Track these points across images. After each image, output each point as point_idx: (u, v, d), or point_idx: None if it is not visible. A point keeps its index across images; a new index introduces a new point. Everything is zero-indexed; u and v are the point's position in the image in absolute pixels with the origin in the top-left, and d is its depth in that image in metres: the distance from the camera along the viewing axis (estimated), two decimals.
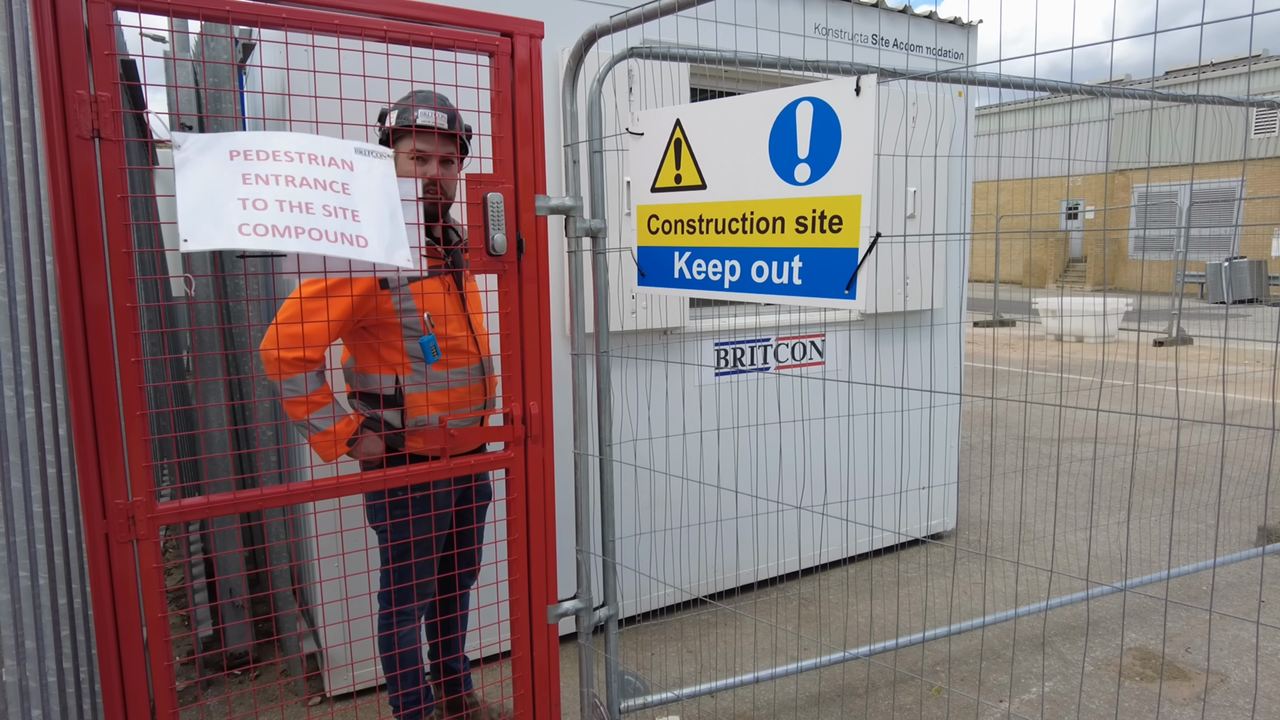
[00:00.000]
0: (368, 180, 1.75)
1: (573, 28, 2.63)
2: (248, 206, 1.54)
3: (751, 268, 2.07)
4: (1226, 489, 5.70)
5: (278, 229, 1.54)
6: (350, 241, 1.62)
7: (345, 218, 1.64)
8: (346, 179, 1.71)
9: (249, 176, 1.58)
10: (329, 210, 1.62)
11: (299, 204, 1.59)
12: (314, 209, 1.60)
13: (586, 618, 2.45)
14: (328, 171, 1.68)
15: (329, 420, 2.30)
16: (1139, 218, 23.83)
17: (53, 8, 1.52)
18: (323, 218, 1.60)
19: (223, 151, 1.62)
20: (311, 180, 1.64)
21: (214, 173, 1.57)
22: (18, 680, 1.88)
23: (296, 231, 1.55)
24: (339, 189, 1.67)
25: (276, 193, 1.58)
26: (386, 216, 1.74)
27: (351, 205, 1.67)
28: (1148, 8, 24.00)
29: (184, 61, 3.45)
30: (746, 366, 3.85)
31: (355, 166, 1.76)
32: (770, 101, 1.97)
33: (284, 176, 1.60)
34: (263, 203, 1.56)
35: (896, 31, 4.09)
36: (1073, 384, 9.70)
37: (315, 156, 1.69)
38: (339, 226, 1.62)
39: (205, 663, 3.32)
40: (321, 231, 1.59)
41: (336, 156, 1.74)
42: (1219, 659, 3.36)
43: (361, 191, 1.72)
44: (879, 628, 3.66)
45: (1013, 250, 26.00)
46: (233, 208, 1.54)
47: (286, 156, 1.65)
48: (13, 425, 1.84)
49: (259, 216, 1.53)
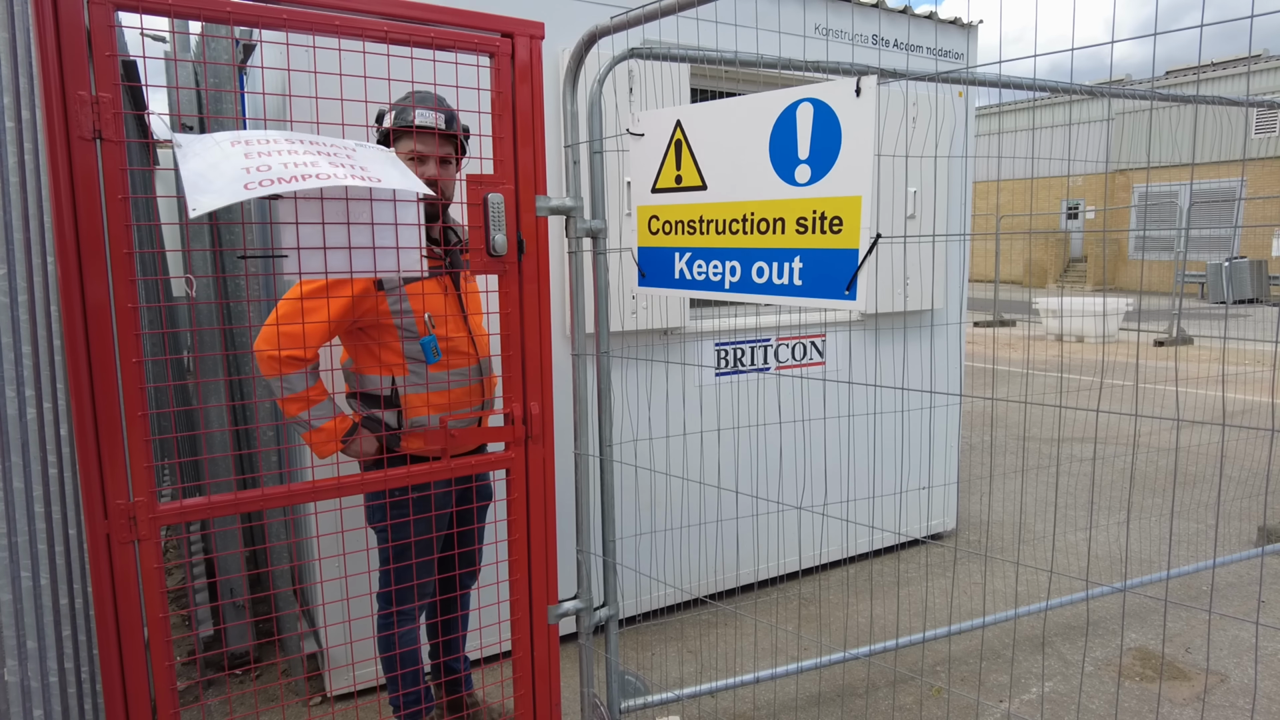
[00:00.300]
0: (370, 168, 1.78)
1: (573, 28, 2.63)
2: (251, 171, 1.57)
3: (752, 268, 2.07)
4: (1226, 489, 5.70)
5: (284, 179, 1.58)
6: (361, 179, 1.66)
7: (353, 169, 1.68)
8: (350, 152, 1.75)
9: (251, 154, 1.62)
10: (335, 163, 1.66)
11: (304, 162, 1.63)
12: (319, 164, 1.64)
13: (587, 618, 2.45)
14: (330, 147, 1.73)
15: (324, 417, 2.31)
16: (1139, 218, 23.83)
17: (54, 9, 1.52)
18: (329, 166, 1.64)
19: (223, 140, 1.65)
20: (315, 151, 1.68)
21: (216, 153, 1.60)
22: (19, 680, 1.89)
23: (304, 177, 1.59)
24: (345, 156, 1.71)
25: (280, 159, 1.62)
26: (396, 177, 1.77)
27: (358, 163, 1.72)
28: (1149, 7, 23.54)
29: (184, 62, 3.45)
30: (747, 367, 3.85)
31: (355, 154, 1.79)
32: (771, 102, 1.97)
33: (287, 150, 1.65)
34: (266, 166, 1.59)
35: (897, 32, 4.09)
36: (1073, 384, 9.70)
37: (316, 143, 1.74)
38: (348, 171, 1.66)
39: (206, 663, 3.33)
40: (330, 174, 1.63)
41: (339, 149, 1.77)
42: (1219, 659, 3.36)
43: (366, 161, 1.76)
44: (879, 628, 3.66)
45: (1013, 250, 26.01)
46: (236, 172, 1.57)
47: (287, 142, 1.69)
48: (14, 425, 1.85)
49: (263, 175, 1.57)
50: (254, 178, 1.56)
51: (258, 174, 1.57)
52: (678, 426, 3.59)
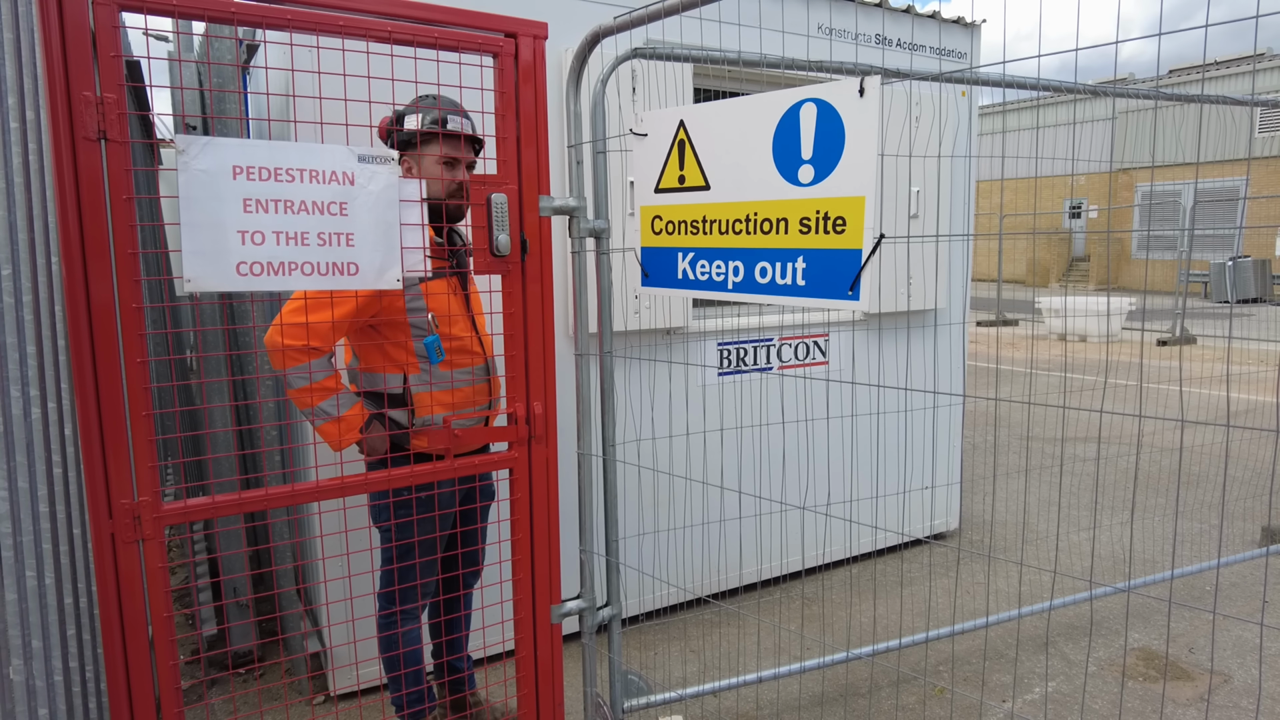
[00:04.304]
0: (366, 195, 1.84)
1: (576, 28, 2.63)
2: (246, 241, 1.71)
3: (755, 268, 2.07)
4: (1230, 489, 5.69)
5: (273, 266, 1.74)
6: (342, 271, 1.83)
7: (339, 244, 1.82)
8: (345, 196, 1.82)
9: (249, 203, 1.72)
10: (324, 238, 1.80)
11: (295, 235, 1.76)
12: (309, 238, 1.78)
13: (590, 617, 2.45)
14: (327, 191, 1.80)
15: (339, 407, 2.29)
16: (1142, 217, 23.79)
17: (59, 10, 1.52)
18: (316, 248, 1.79)
19: (226, 166, 1.68)
20: (310, 204, 1.78)
21: (216, 200, 1.69)
22: (25, 679, 1.89)
23: (290, 268, 1.76)
24: (336, 210, 1.81)
25: (275, 222, 1.74)
26: (381, 235, 1.87)
27: (347, 228, 1.83)
28: (1157, 5, 23.92)
29: (188, 63, 3.45)
30: (749, 366, 3.85)
31: (356, 178, 1.82)
32: (774, 102, 1.97)
33: (282, 203, 1.75)
34: (260, 236, 1.73)
35: (900, 31, 4.09)
36: (1076, 384, 9.68)
37: (316, 173, 1.78)
38: (332, 256, 1.81)
39: (210, 662, 3.33)
40: (314, 265, 1.79)
41: (338, 170, 1.81)
42: (1222, 659, 3.36)
43: (359, 209, 1.84)
44: (882, 628, 3.66)
45: (1016, 249, 25.96)
46: (232, 244, 1.70)
47: (288, 175, 1.75)
48: (19, 425, 1.85)
49: (256, 253, 1.73)
50: (247, 254, 1.72)
51: (252, 248, 1.74)
52: (681, 426, 3.59)
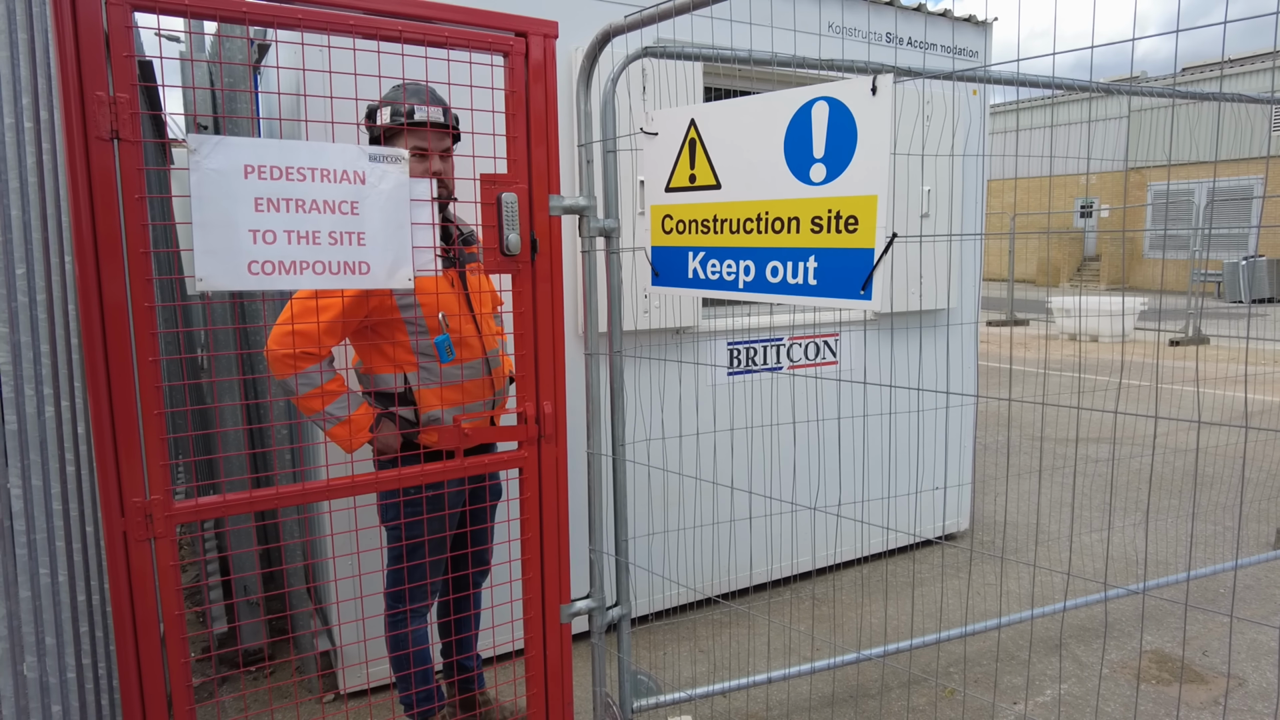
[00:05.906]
0: (377, 194, 1.83)
1: (587, 27, 2.63)
2: (258, 240, 1.71)
3: (766, 268, 2.06)
4: (1245, 491, 5.64)
5: (284, 265, 1.73)
6: (353, 270, 1.83)
7: (351, 243, 1.81)
8: (356, 195, 1.82)
9: (261, 202, 1.71)
10: (335, 237, 1.79)
11: (306, 234, 1.76)
12: (320, 238, 1.77)
13: (599, 617, 2.45)
14: (338, 190, 1.79)
15: (346, 409, 2.30)
16: (1155, 216, 23.60)
17: (72, 10, 1.53)
18: (328, 247, 1.78)
19: (237, 165, 1.68)
20: (321, 203, 1.78)
21: (228, 199, 1.69)
22: (38, 676, 1.90)
23: (301, 268, 1.76)
24: (347, 209, 1.81)
25: (286, 221, 1.74)
26: (393, 233, 1.85)
27: (358, 227, 1.82)
28: (1171, 2, 23.78)
29: (200, 62, 3.47)
30: (759, 366, 3.84)
31: (367, 178, 1.82)
32: (785, 101, 1.96)
33: (294, 202, 1.75)
34: (272, 235, 1.72)
35: (912, 30, 4.07)
36: (1088, 384, 9.62)
37: (327, 173, 1.78)
38: (343, 255, 1.81)
39: (221, 659, 3.35)
40: (325, 264, 1.78)
41: (349, 169, 1.80)
42: (1237, 662, 3.32)
43: (370, 208, 1.83)
44: (892, 628, 3.64)
45: (1027, 249, 25.81)
46: (244, 243, 1.69)
47: (299, 174, 1.75)
48: (33, 424, 1.86)
49: (268, 252, 1.72)
50: (259, 253, 1.71)
51: (264, 247, 1.73)
52: (690, 426, 3.58)
